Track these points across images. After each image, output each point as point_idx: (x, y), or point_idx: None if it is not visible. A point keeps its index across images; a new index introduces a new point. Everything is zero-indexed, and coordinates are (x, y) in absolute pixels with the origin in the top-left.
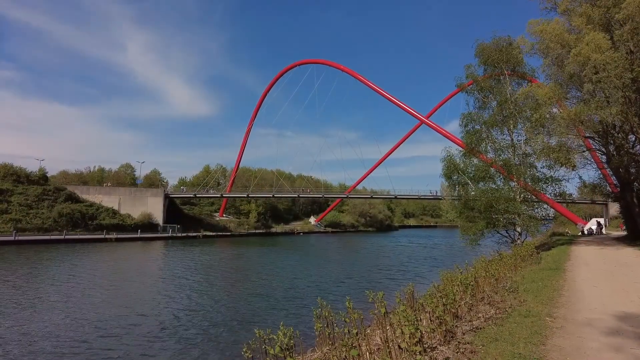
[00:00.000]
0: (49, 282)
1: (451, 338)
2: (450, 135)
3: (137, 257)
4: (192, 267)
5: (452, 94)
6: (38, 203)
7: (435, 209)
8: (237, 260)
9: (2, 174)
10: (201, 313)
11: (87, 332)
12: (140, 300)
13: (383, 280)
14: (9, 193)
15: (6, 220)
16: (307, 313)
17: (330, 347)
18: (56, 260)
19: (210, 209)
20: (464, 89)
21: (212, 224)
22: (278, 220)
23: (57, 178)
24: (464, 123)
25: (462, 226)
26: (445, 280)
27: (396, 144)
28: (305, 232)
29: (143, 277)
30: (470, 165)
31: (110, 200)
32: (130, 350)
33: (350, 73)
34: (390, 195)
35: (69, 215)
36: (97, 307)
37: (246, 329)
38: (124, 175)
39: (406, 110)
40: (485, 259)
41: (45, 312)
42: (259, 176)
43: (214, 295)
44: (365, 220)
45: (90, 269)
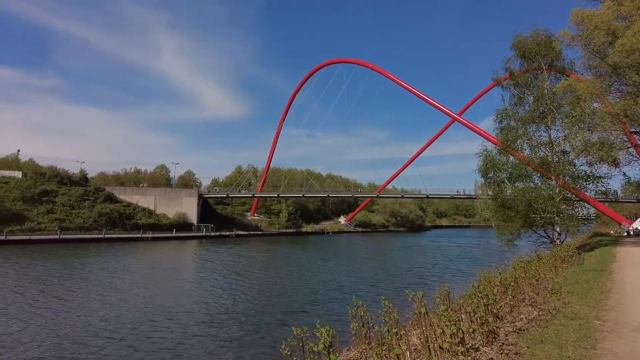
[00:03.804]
0: (92, 278)
1: (494, 339)
2: (484, 132)
3: (172, 255)
4: (226, 266)
5: (485, 90)
6: (80, 203)
7: (468, 209)
8: (270, 259)
9: (47, 176)
10: (237, 310)
11: (126, 328)
12: (178, 298)
13: (416, 281)
14: (54, 194)
15: (52, 219)
16: (340, 312)
17: (366, 347)
18: (97, 258)
19: (242, 208)
20: (500, 82)
21: (244, 224)
22: (308, 220)
23: (96, 179)
24: (499, 119)
25: (497, 226)
26: (484, 281)
27: (427, 143)
28: (335, 231)
29: (179, 275)
30: (505, 163)
31: (146, 201)
32: (168, 345)
33: (379, 71)
34: (421, 194)
35: (108, 215)
36: (136, 303)
37: (281, 326)
38: (159, 176)
39: (437, 107)
40: (523, 260)
41: (88, 307)
42: (289, 176)
43: (248, 293)
44: (396, 220)
45: (128, 267)
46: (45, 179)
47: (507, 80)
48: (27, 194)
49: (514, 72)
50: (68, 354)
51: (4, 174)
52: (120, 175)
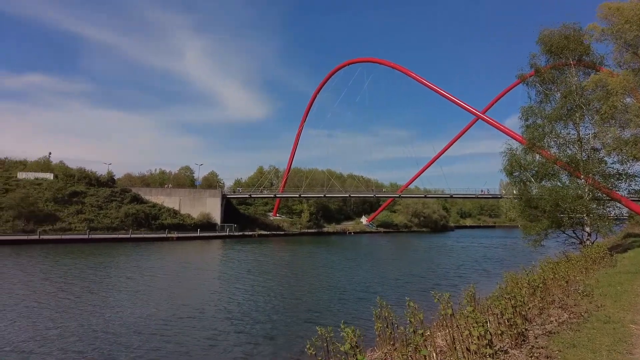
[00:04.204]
0: (122, 277)
1: (523, 342)
2: (509, 130)
3: (198, 255)
4: (251, 265)
5: (509, 88)
6: (107, 204)
7: (493, 208)
8: (293, 258)
9: (77, 178)
10: (262, 309)
11: (158, 325)
12: (205, 296)
13: (441, 282)
14: (83, 195)
15: (81, 219)
16: (363, 312)
17: (390, 347)
18: (126, 257)
19: (264, 208)
20: (524, 80)
21: (267, 223)
22: (329, 220)
23: (122, 180)
24: (524, 117)
25: (523, 226)
26: (510, 282)
27: (450, 141)
28: (357, 231)
29: (206, 274)
30: (531, 162)
31: (171, 201)
32: (198, 342)
33: (400, 70)
34: (445, 194)
35: (134, 215)
36: (165, 301)
37: (305, 325)
38: (184, 177)
39: (460, 105)
40: (551, 261)
41: (120, 304)
42: (310, 176)
43: (273, 292)
44: (418, 220)
45: (156, 266)
46: (75, 181)
47: (532, 76)
48: (58, 195)
49: (540, 68)
50: (105, 349)
51: (37, 176)
52: (145, 177)
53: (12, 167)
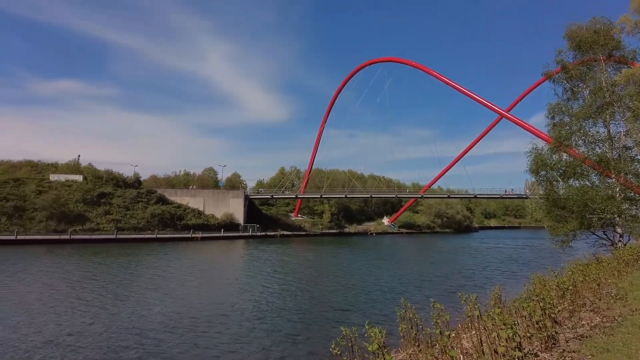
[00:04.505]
0: (150, 275)
1: (553, 345)
2: (534, 129)
3: (222, 254)
4: (274, 265)
5: (534, 85)
6: (134, 205)
7: (518, 209)
8: (316, 258)
9: (104, 179)
10: (286, 308)
11: (184, 322)
12: (231, 295)
13: (466, 283)
14: (110, 196)
15: (109, 220)
16: (387, 313)
17: (415, 349)
18: (153, 257)
19: (286, 209)
20: (551, 76)
21: (288, 224)
22: (351, 221)
23: (148, 182)
24: (551, 115)
25: (550, 227)
26: (538, 284)
27: (474, 141)
28: (379, 232)
29: (230, 273)
30: (558, 161)
31: (196, 202)
32: (224, 339)
33: (422, 69)
34: (468, 194)
35: (160, 215)
36: (192, 300)
37: (329, 324)
38: (207, 178)
39: (484, 104)
40: (580, 263)
41: (148, 302)
42: (331, 177)
43: (297, 291)
44: (441, 221)
45: (182, 265)
46: (103, 182)
47: (558, 73)
48: (87, 196)
49: (567, 64)
50: (140, 344)
51: (67, 177)
52: (170, 178)
53: (45, 169)
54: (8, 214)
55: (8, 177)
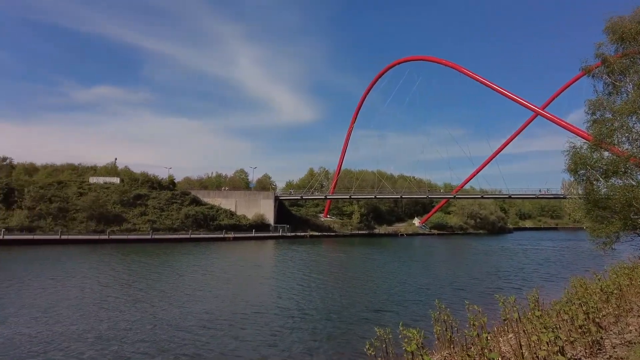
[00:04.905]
0: (186, 274)
1: (598, 351)
2: (571, 126)
3: (254, 254)
4: (306, 265)
5: (571, 81)
6: (168, 206)
7: (555, 209)
8: (347, 259)
9: (140, 182)
10: (320, 308)
11: (220, 320)
12: (265, 294)
13: (501, 285)
14: (146, 197)
15: (145, 220)
16: (420, 314)
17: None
18: (187, 256)
19: (315, 210)
20: (590, 71)
21: (318, 224)
22: (380, 222)
23: (182, 184)
24: (591, 111)
25: (591, 228)
26: (579, 287)
27: (508, 139)
28: (409, 233)
29: (264, 273)
30: (599, 160)
31: (228, 203)
32: (260, 337)
33: (453, 67)
34: (502, 194)
35: (194, 216)
36: (227, 298)
37: (363, 325)
38: (239, 179)
39: (518, 102)
40: (625, 266)
41: (185, 300)
42: (360, 178)
43: (330, 292)
44: (474, 222)
45: (217, 264)
46: (139, 184)
47: (598, 68)
48: (124, 197)
49: (608, 58)
50: (176, 341)
51: (105, 180)
52: (203, 180)
53: (85, 172)
54: (53, 215)
55: (52, 179)
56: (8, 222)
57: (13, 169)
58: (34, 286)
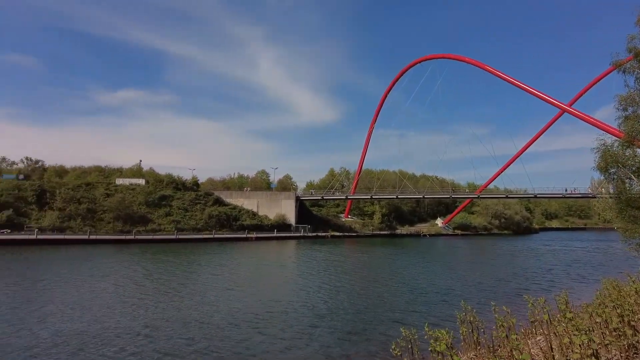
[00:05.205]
0: (212, 273)
1: (635, 355)
2: (600, 123)
3: (278, 254)
4: (329, 265)
5: (600, 77)
6: (192, 206)
7: (583, 209)
8: (369, 259)
9: (165, 183)
10: (344, 307)
11: (248, 318)
12: (289, 293)
13: (529, 286)
14: (171, 198)
15: (169, 221)
16: (445, 315)
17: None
18: (212, 255)
19: (336, 210)
20: (621, 66)
21: (339, 225)
22: (402, 222)
23: (205, 184)
24: (622, 107)
25: (623, 228)
26: (612, 289)
27: (533, 138)
28: (432, 234)
29: (288, 272)
30: (632, 157)
31: (250, 203)
32: (285, 337)
33: (476, 64)
34: (528, 194)
35: (217, 216)
36: (252, 297)
37: (387, 325)
38: (260, 180)
39: (544, 99)
40: None
41: (213, 298)
42: (381, 177)
43: (353, 291)
44: (499, 222)
45: (240, 263)
46: (163, 185)
47: (630, 61)
48: (149, 198)
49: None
50: (203, 338)
51: (131, 181)
52: (226, 181)
53: (111, 174)
54: (82, 216)
55: (81, 181)
56: (41, 222)
57: (45, 171)
58: (69, 285)
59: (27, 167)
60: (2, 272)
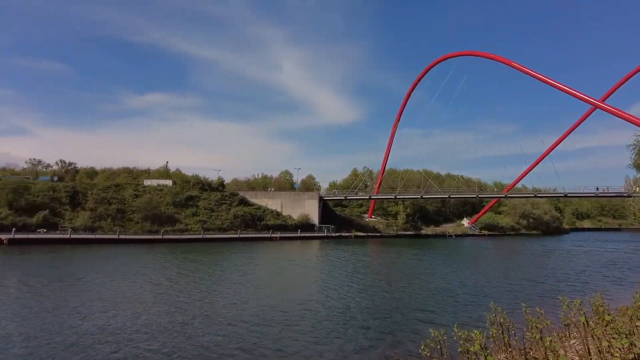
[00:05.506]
0: (238, 272)
1: None
2: (635, 118)
3: (303, 254)
4: (354, 265)
5: (634, 72)
6: (218, 207)
7: (617, 209)
8: (395, 260)
9: (191, 183)
10: (371, 307)
11: (278, 317)
12: (314, 292)
13: (562, 288)
14: (197, 199)
15: (196, 221)
16: (473, 316)
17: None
18: (238, 254)
19: (359, 210)
20: None
21: (362, 225)
22: (427, 222)
23: (230, 185)
24: None
25: None
26: None
27: (563, 135)
28: (458, 234)
29: (313, 271)
30: None
31: (274, 203)
32: (311, 335)
33: (502, 61)
34: (558, 193)
35: (242, 216)
36: (279, 296)
37: (414, 326)
38: (284, 180)
39: (574, 95)
40: None
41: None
42: (405, 177)
43: (379, 292)
44: (527, 222)
45: (266, 263)
46: (190, 186)
47: None
48: (176, 199)
49: None
50: (234, 335)
51: (159, 182)
52: (250, 181)
53: (139, 175)
54: (112, 216)
55: (110, 183)
56: (74, 222)
57: (77, 173)
58: (104, 282)
59: (61, 169)
60: (44, 270)
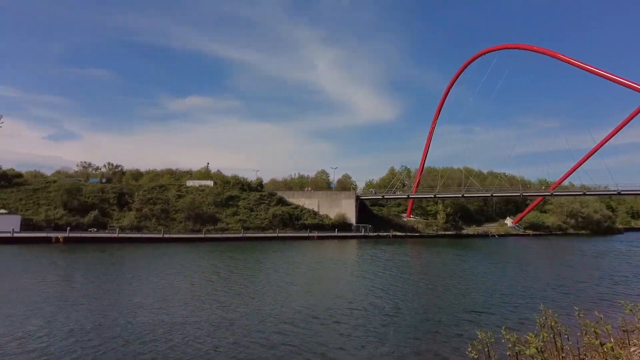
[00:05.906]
0: (278, 270)
1: None
2: None
3: (341, 253)
4: (395, 265)
5: None
6: (257, 206)
7: None
8: (436, 260)
9: (232, 184)
10: (414, 307)
11: (320, 315)
12: (358, 292)
13: (619, 291)
14: (237, 199)
15: (236, 220)
16: (521, 319)
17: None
18: (278, 253)
19: (397, 209)
20: None
21: (400, 224)
22: (468, 222)
23: (268, 185)
24: None
25: None
26: None
27: (614, 129)
28: (501, 234)
29: (353, 271)
30: None
31: (311, 203)
32: (358, 334)
33: (546, 53)
34: (609, 190)
35: (280, 216)
36: (323, 294)
37: (460, 327)
38: (320, 180)
39: (628, 86)
40: None
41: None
42: (445, 175)
43: (423, 292)
44: (575, 221)
45: (306, 261)
46: (230, 186)
47: None
48: (217, 199)
49: None
50: (284, 332)
51: (200, 183)
52: (287, 181)
53: (182, 176)
54: (156, 216)
55: (154, 184)
56: (121, 221)
57: (123, 174)
58: (151, 279)
59: (109, 171)
60: (103, 267)
